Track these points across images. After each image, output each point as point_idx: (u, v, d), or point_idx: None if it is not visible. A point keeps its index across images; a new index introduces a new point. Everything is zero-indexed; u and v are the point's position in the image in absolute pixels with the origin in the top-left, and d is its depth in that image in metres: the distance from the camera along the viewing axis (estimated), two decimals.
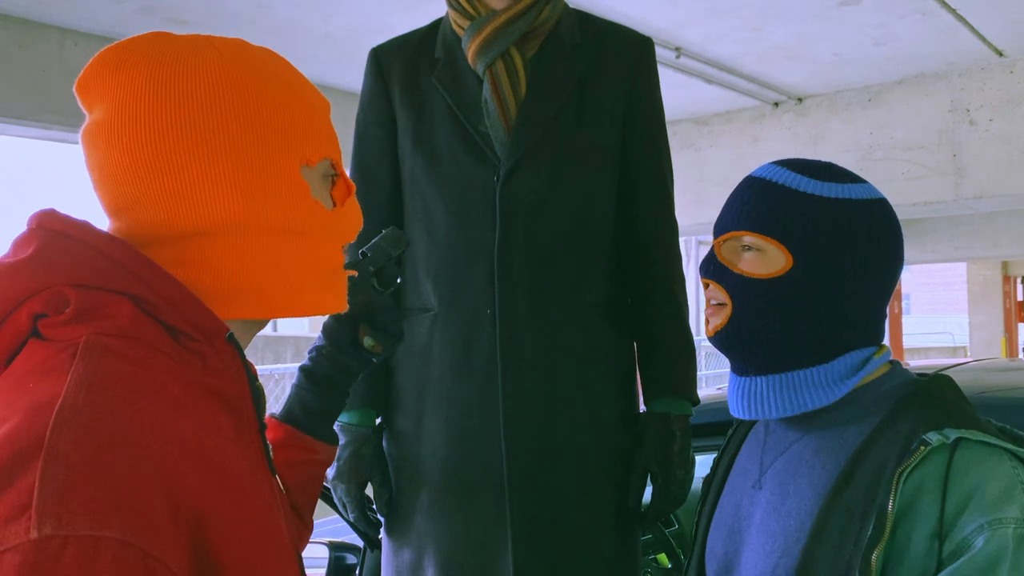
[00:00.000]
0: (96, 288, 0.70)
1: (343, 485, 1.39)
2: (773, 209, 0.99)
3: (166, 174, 0.73)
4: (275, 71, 0.81)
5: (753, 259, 1.00)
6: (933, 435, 0.88)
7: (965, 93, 5.04)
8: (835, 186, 0.99)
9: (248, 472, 0.72)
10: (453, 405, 1.35)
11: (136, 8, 3.77)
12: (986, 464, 0.87)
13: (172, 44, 0.77)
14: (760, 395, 1.01)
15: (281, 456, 1.04)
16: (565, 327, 1.36)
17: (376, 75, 1.46)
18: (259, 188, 0.76)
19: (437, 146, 1.39)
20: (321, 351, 1.09)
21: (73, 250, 0.70)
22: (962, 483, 0.86)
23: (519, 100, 1.36)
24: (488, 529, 1.32)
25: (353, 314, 1.09)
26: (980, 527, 0.83)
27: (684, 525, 1.99)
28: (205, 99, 0.74)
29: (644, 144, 1.44)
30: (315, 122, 0.82)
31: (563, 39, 1.41)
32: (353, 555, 1.93)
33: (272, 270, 0.78)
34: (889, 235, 1.00)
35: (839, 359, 0.98)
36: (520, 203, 1.34)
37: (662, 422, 1.38)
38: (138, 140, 0.73)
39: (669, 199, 1.47)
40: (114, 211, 0.77)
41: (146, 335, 0.70)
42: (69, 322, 0.68)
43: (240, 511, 0.68)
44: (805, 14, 4.11)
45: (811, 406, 0.98)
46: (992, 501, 0.84)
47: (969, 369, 2.00)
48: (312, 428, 1.07)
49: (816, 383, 0.98)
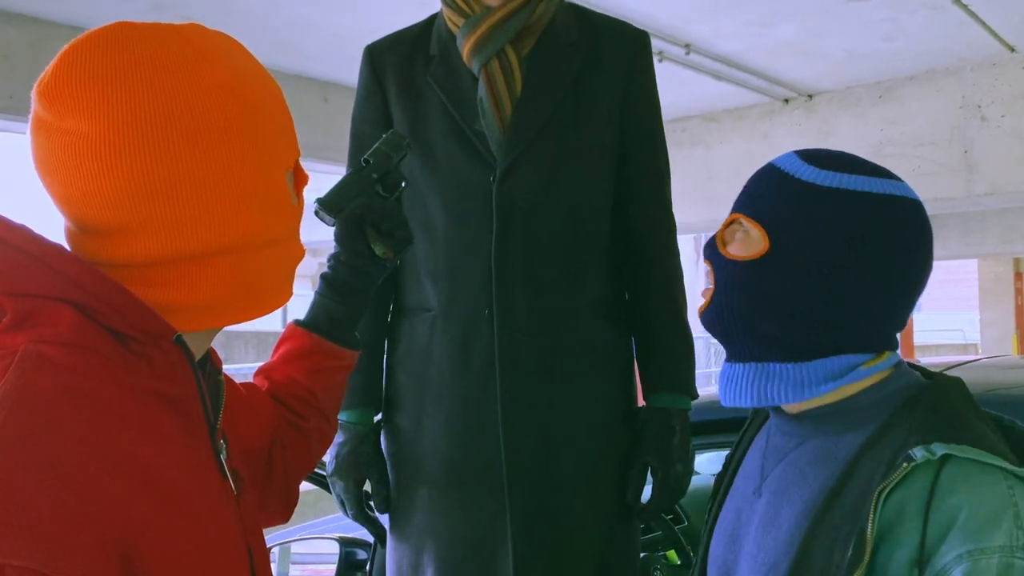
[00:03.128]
0: (34, 296, 0.68)
1: (341, 482, 1.40)
2: (765, 193, 0.95)
3: (166, 201, 0.71)
4: (256, 71, 0.79)
5: (739, 240, 0.96)
6: (919, 450, 0.80)
7: (976, 89, 5.01)
8: (833, 175, 0.92)
9: (190, 478, 0.71)
10: (453, 403, 1.36)
11: (146, 6, 3.78)
12: (975, 484, 0.78)
13: (155, 49, 0.73)
14: (736, 382, 0.97)
15: (308, 363, 1.06)
16: (563, 325, 1.36)
17: (371, 73, 1.46)
18: (261, 206, 0.76)
19: (433, 146, 1.38)
20: (339, 258, 1.09)
21: (9, 257, 0.68)
22: (945, 505, 0.78)
23: (515, 99, 1.36)
24: (488, 525, 1.32)
25: (356, 219, 1.08)
26: (959, 557, 0.75)
27: (694, 521, 1.99)
28: (205, 121, 0.72)
29: (641, 140, 1.43)
30: (287, 121, 0.81)
31: (558, 36, 1.40)
32: (363, 550, 1.94)
33: (261, 279, 0.78)
34: (894, 238, 0.90)
35: (820, 360, 0.92)
36: (517, 202, 1.34)
37: (661, 417, 1.38)
38: (136, 165, 0.70)
39: (666, 195, 1.46)
40: (88, 230, 0.73)
41: (89, 341, 0.68)
42: (7, 330, 0.67)
43: (176, 523, 0.68)
44: (815, 9, 4.10)
45: (779, 401, 0.94)
46: (976, 527, 0.76)
47: (980, 366, 2.00)
48: (335, 335, 1.08)
49: (789, 379, 0.93)
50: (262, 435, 1.00)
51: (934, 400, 0.89)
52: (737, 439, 1.16)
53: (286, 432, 1.03)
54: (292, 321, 1.09)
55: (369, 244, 1.09)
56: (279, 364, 1.07)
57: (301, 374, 1.05)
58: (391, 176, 1.11)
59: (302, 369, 1.05)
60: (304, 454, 1.05)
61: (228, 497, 0.80)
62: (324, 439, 1.09)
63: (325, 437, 1.09)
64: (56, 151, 0.71)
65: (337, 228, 1.09)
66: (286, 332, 1.08)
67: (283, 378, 1.05)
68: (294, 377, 1.05)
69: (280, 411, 1.04)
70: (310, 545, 2.06)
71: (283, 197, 0.79)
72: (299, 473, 1.05)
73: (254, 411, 1.00)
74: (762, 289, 0.93)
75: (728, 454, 1.16)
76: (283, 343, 1.08)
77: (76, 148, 0.70)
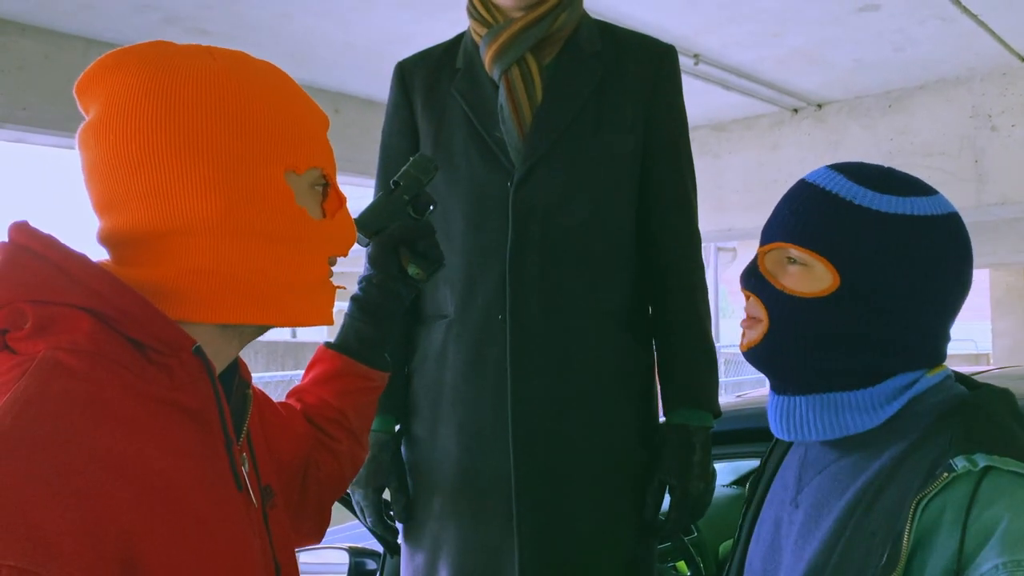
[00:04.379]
0: (54, 303, 0.69)
1: (361, 490, 1.40)
2: (823, 222, 0.90)
3: (147, 170, 0.74)
4: (269, 81, 0.80)
5: (798, 274, 0.92)
6: (960, 460, 0.80)
7: (986, 98, 4.99)
8: (895, 200, 0.89)
9: (201, 488, 0.72)
10: (466, 410, 1.36)
11: (160, 19, 3.81)
12: (1015, 496, 0.78)
13: (169, 50, 0.78)
14: (800, 416, 0.94)
15: (338, 385, 1.07)
16: (577, 333, 1.35)
17: (400, 87, 1.48)
18: (238, 189, 0.76)
19: (454, 154, 1.40)
20: (371, 280, 1.11)
21: (32, 265, 0.70)
22: (985, 516, 0.77)
23: (534, 106, 1.37)
24: (497, 534, 1.32)
25: (394, 240, 1.10)
26: (996, 568, 0.74)
27: (703, 532, 1.98)
28: (191, 99, 0.75)
29: (665, 152, 1.43)
30: (306, 131, 0.82)
31: (581, 47, 1.41)
32: (373, 560, 1.94)
33: (256, 275, 0.78)
34: (949, 254, 0.90)
35: (885, 383, 0.91)
36: (533, 209, 1.34)
37: (681, 434, 1.36)
38: (123, 136, 0.74)
39: (691, 208, 1.45)
40: (101, 209, 0.77)
41: (105, 349, 0.70)
42: (29, 337, 0.69)
43: (182, 532, 0.68)
44: (824, 20, 4.09)
45: (853, 430, 0.91)
46: (1015, 539, 0.75)
47: (992, 377, 1.98)
48: (366, 356, 1.09)
49: (859, 406, 0.91)
50: (298, 451, 1.01)
51: (977, 411, 0.88)
52: (771, 444, 1.13)
53: (319, 453, 1.04)
54: (323, 343, 1.10)
55: (401, 265, 1.11)
56: (310, 386, 1.08)
57: (332, 396, 1.06)
58: (421, 198, 1.14)
59: (333, 391, 1.06)
60: (336, 475, 1.06)
61: (248, 510, 0.80)
62: (356, 461, 1.10)
63: (356, 459, 1.10)
64: (80, 143, 0.77)
65: (372, 249, 1.11)
66: (317, 354, 1.10)
67: (314, 400, 1.06)
68: (325, 399, 1.06)
69: (313, 431, 1.04)
70: (319, 555, 2.06)
71: (279, 193, 0.78)
72: (332, 495, 1.06)
73: (290, 427, 1.01)
74: (833, 325, 0.90)
75: (762, 459, 1.14)
76: (314, 365, 1.09)
77: (87, 133, 0.76)
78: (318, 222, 0.82)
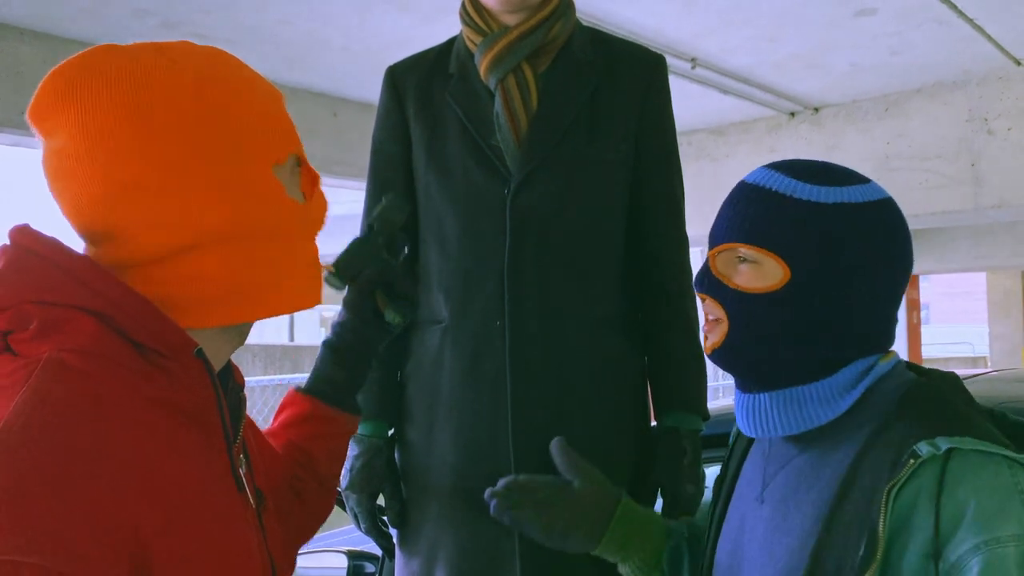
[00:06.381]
0: (58, 305, 0.69)
1: (355, 495, 1.40)
2: (768, 219, 0.93)
3: (143, 196, 0.72)
4: (231, 73, 0.79)
5: (749, 272, 0.94)
6: (923, 446, 0.82)
7: (983, 102, 5.00)
8: (831, 190, 0.93)
9: (203, 488, 0.72)
10: (463, 416, 1.36)
11: (158, 23, 3.82)
12: (981, 475, 0.80)
13: (124, 60, 0.75)
14: (764, 412, 0.96)
15: (308, 429, 1.06)
16: (575, 340, 1.36)
17: (391, 92, 1.48)
18: (240, 196, 0.76)
19: (449, 161, 1.40)
20: (345, 325, 1.10)
21: (37, 267, 0.70)
22: (955, 497, 0.79)
23: (530, 114, 1.37)
24: (496, 539, 1.32)
25: (370, 285, 1.10)
26: (974, 547, 0.77)
27: None
28: (170, 115, 0.73)
29: (656, 160, 1.44)
30: (276, 119, 0.81)
31: (575, 55, 1.42)
32: (371, 564, 1.94)
33: (259, 274, 0.78)
34: (892, 237, 0.93)
35: (843, 371, 0.93)
36: (530, 216, 1.35)
37: (672, 437, 1.38)
38: (108, 167, 0.71)
39: (680, 214, 1.47)
40: (93, 239, 0.75)
41: (108, 350, 0.70)
42: (33, 339, 0.69)
43: (187, 531, 0.68)
44: (821, 24, 4.10)
45: (816, 422, 0.93)
46: (987, 517, 0.77)
47: (989, 380, 1.99)
48: (337, 400, 1.08)
49: (820, 398, 0.93)
50: (282, 464, 1.00)
51: (931, 395, 0.91)
52: (730, 446, 1.15)
53: (287, 496, 1.02)
54: (293, 387, 1.09)
55: (377, 309, 1.10)
56: (279, 430, 1.07)
57: (301, 439, 1.05)
58: (396, 240, 1.13)
59: (302, 435, 1.05)
60: (302, 521, 1.04)
61: (246, 511, 0.80)
62: (322, 508, 1.08)
63: (323, 506, 1.08)
64: (50, 169, 0.74)
65: (349, 294, 1.11)
66: (287, 398, 1.09)
67: (283, 442, 1.05)
68: (294, 442, 1.05)
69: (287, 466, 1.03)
70: (318, 559, 2.06)
71: (268, 189, 0.78)
72: (298, 540, 1.04)
73: (269, 446, 1.01)
74: (787, 318, 0.93)
75: (725, 458, 1.15)
76: (284, 409, 1.08)
77: (61, 162, 0.73)
78: (304, 206, 0.83)
